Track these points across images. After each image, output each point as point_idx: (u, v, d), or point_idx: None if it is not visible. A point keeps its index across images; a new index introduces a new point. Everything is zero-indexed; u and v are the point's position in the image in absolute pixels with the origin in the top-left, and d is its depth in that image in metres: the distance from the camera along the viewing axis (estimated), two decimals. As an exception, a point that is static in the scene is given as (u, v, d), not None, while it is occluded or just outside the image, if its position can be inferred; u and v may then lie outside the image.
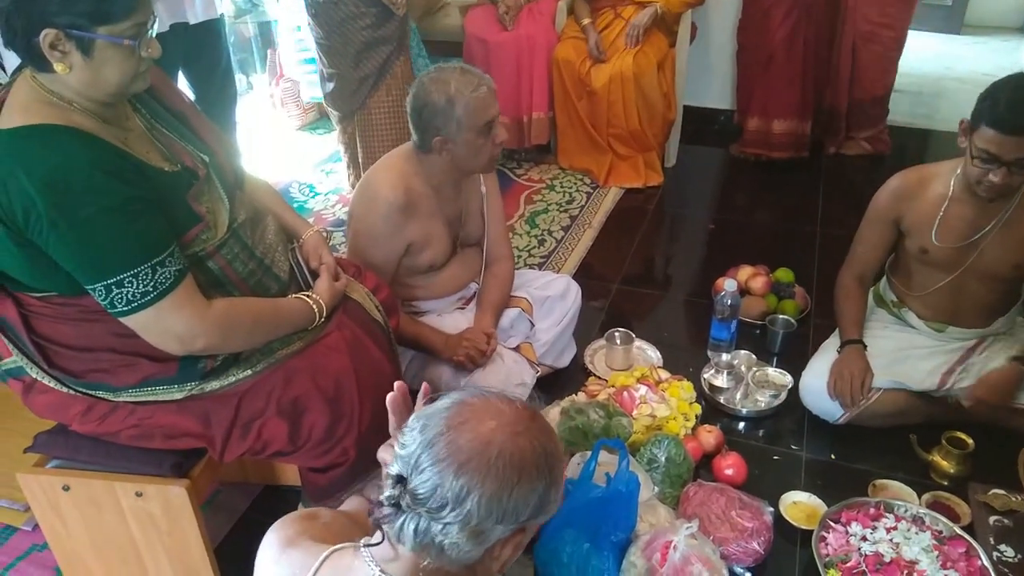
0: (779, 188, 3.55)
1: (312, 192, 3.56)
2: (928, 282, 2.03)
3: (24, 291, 1.34)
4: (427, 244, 2.00)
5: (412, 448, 0.88)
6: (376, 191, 1.93)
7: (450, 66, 1.88)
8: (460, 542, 0.86)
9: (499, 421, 0.89)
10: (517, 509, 0.87)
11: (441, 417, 0.89)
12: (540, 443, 0.89)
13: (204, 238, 1.39)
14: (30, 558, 1.85)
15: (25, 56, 1.26)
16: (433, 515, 0.85)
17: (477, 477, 0.85)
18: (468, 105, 1.81)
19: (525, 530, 0.91)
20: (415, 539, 0.87)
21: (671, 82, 3.46)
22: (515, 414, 0.91)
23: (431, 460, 0.86)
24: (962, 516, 1.84)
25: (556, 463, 0.91)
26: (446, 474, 0.85)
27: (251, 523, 1.94)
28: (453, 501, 0.85)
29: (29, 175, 1.19)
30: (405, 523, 0.87)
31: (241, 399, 1.45)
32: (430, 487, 0.85)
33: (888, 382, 2.01)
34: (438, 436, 0.87)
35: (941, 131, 4.01)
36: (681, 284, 2.93)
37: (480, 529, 0.86)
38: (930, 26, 5.26)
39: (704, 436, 2.04)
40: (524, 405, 0.94)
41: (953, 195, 1.91)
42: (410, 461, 0.88)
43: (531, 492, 0.88)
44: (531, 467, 0.87)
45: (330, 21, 2.95)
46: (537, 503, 0.89)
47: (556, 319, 2.29)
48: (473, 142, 1.87)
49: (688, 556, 1.59)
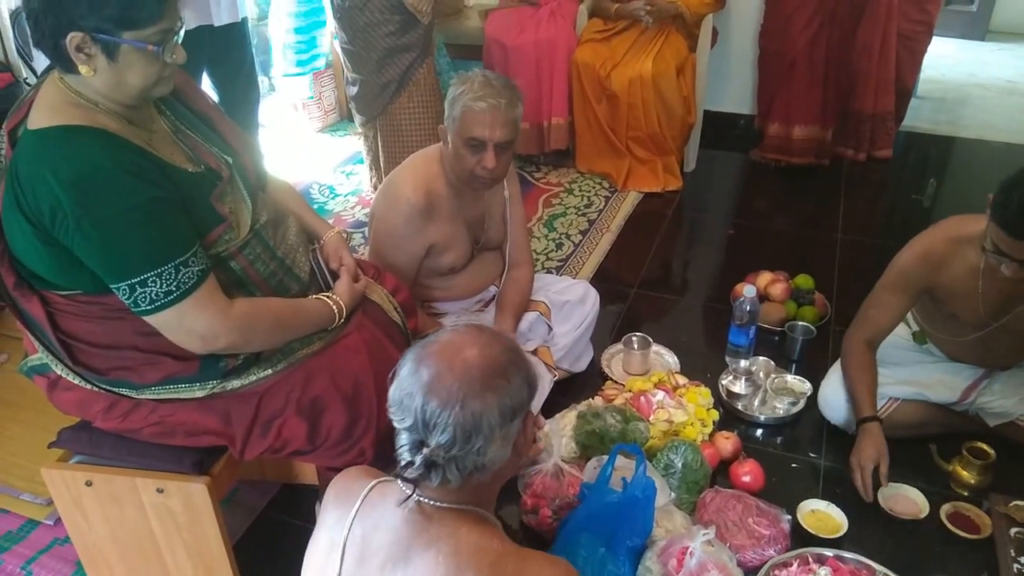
0: (799, 193, 3.53)
1: (332, 193, 3.58)
2: (957, 334, 1.94)
3: (50, 289, 1.36)
4: (448, 247, 2.00)
5: (412, 416, 0.99)
6: (398, 192, 1.94)
7: (485, 72, 1.86)
8: (496, 452, 1.01)
9: (459, 349, 1.01)
10: (519, 398, 1.02)
11: (416, 380, 1.00)
12: (499, 345, 1.03)
13: (227, 238, 1.40)
14: (52, 552, 1.87)
15: (52, 57, 1.28)
16: (465, 450, 0.98)
17: (479, 400, 0.98)
18: (461, 110, 1.80)
19: (529, 413, 1.06)
20: (461, 476, 1.01)
21: (691, 86, 3.45)
22: (464, 336, 1.04)
23: (435, 414, 0.97)
24: (982, 527, 1.82)
25: (519, 349, 1.07)
26: (455, 414, 0.97)
27: (269, 521, 1.96)
28: (474, 428, 0.98)
29: (56, 175, 1.21)
30: (447, 471, 1.00)
31: (261, 398, 1.47)
32: (450, 433, 0.97)
33: (908, 393, 1.99)
34: (425, 394, 0.98)
35: (964, 138, 3.97)
36: (699, 289, 2.92)
37: (505, 432, 1.01)
38: (954, 32, 5.22)
39: (721, 442, 2.03)
40: (465, 326, 1.08)
41: (986, 268, 1.75)
42: (418, 426, 0.99)
43: (520, 380, 1.03)
44: (508, 365, 1.02)
45: (354, 26, 2.97)
46: (529, 387, 1.04)
47: (574, 324, 2.28)
48: (458, 148, 1.85)
49: (704, 563, 1.58)
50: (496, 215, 2.12)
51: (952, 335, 1.96)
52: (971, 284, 1.80)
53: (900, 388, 2.00)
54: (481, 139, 1.81)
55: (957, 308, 1.86)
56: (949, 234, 1.82)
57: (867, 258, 3.01)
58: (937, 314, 1.96)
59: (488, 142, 1.81)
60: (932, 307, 1.95)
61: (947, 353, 2.04)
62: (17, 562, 1.85)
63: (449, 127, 1.85)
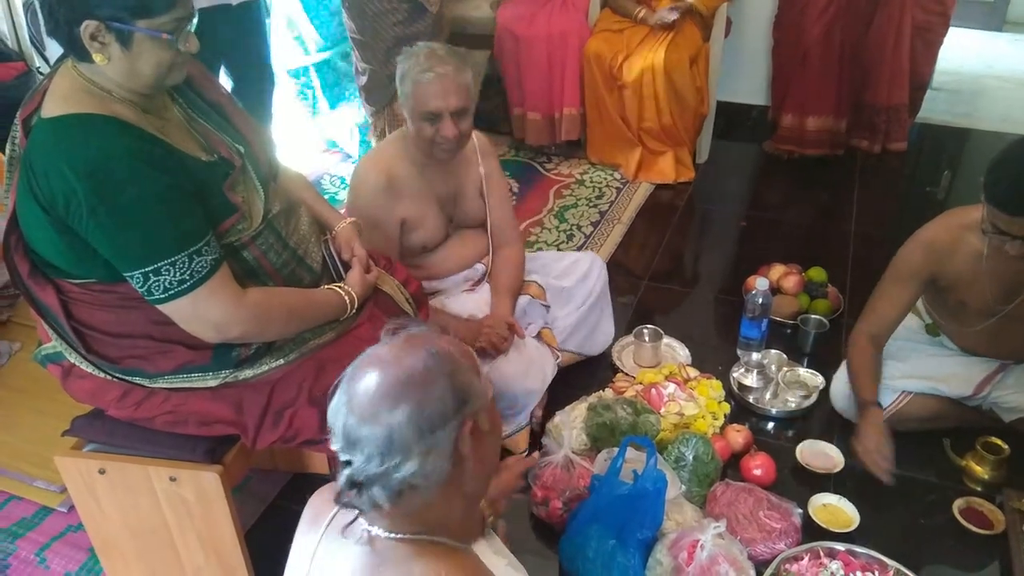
0: (813, 185, 3.50)
1: (343, 184, 3.57)
2: (967, 323, 1.93)
3: (64, 277, 1.37)
4: (418, 224, 2.00)
5: (339, 435, 0.93)
6: (360, 177, 1.98)
7: (429, 44, 1.87)
8: (419, 469, 0.90)
9: (380, 361, 0.94)
10: (441, 411, 0.91)
11: (342, 397, 0.94)
12: (422, 352, 0.93)
13: (240, 228, 1.40)
14: (65, 538, 1.89)
15: (66, 46, 1.28)
16: (382, 469, 0.89)
17: (389, 413, 0.89)
18: (412, 86, 1.81)
19: (468, 420, 0.94)
20: (389, 498, 0.91)
21: (704, 76, 3.43)
22: (392, 347, 0.95)
23: (354, 430, 0.91)
24: (996, 523, 1.81)
25: (448, 356, 0.95)
26: (369, 430, 0.89)
27: (280, 510, 1.97)
28: (387, 446, 0.89)
29: (70, 163, 1.22)
30: (373, 493, 0.91)
31: (273, 388, 1.47)
32: (367, 452, 0.90)
33: (921, 386, 1.98)
34: (348, 411, 0.92)
35: (980, 130, 3.93)
36: (711, 281, 2.91)
37: (426, 448, 0.90)
38: (971, 23, 5.15)
39: (732, 435, 2.03)
40: (403, 337, 0.98)
41: (990, 252, 1.77)
42: (343, 445, 0.92)
43: (440, 389, 0.91)
44: (424, 373, 0.92)
45: (363, 15, 2.97)
46: (455, 395, 0.92)
47: (576, 304, 2.25)
48: (416, 123, 1.86)
49: (715, 556, 1.58)
50: (471, 192, 2.09)
51: (961, 325, 1.95)
52: (977, 270, 1.80)
53: (913, 382, 1.98)
54: (436, 111, 1.81)
55: (964, 296, 1.86)
56: (951, 223, 1.84)
57: (881, 251, 2.95)
58: (946, 304, 1.95)
59: (444, 111, 1.81)
60: (940, 297, 1.94)
61: (959, 345, 2.02)
62: (31, 548, 1.86)
63: (404, 105, 1.86)
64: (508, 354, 1.99)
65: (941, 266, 1.85)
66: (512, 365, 1.98)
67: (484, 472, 1.01)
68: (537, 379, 2.04)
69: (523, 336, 2.03)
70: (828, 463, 1.97)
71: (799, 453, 1.99)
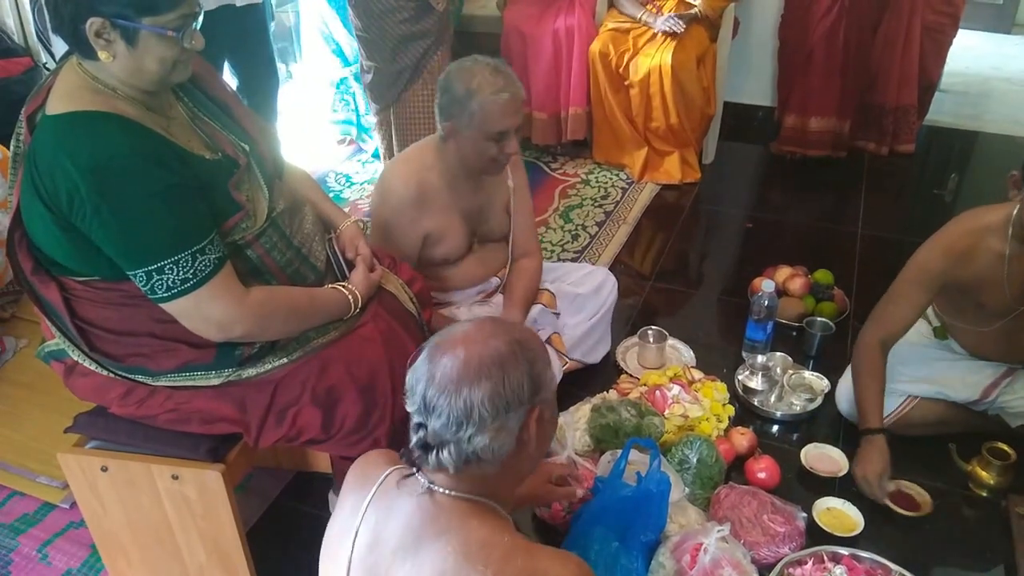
0: (820, 187, 3.49)
1: (348, 182, 3.58)
2: (981, 324, 1.89)
3: (67, 275, 1.36)
4: (442, 238, 1.98)
5: (418, 399, 1.03)
6: (389, 185, 1.94)
7: (485, 59, 1.83)
8: (489, 444, 1.00)
9: (466, 339, 1.03)
10: (517, 394, 1.01)
11: (425, 366, 1.03)
12: (507, 337, 1.03)
13: (244, 227, 1.40)
14: (67, 535, 1.89)
15: (71, 43, 1.28)
16: (456, 437, 1.00)
17: (470, 388, 0.99)
18: (483, 106, 1.77)
19: (537, 407, 1.04)
20: (454, 463, 1.01)
21: (711, 77, 3.42)
22: (477, 327, 1.06)
23: (434, 399, 1.00)
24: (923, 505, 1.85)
25: (530, 346, 1.05)
26: (448, 401, 0.99)
27: (282, 508, 1.97)
28: (465, 417, 0.99)
29: (74, 161, 1.22)
30: (439, 456, 1.01)
31: (277, 386, 1.47)
32: (443, 419, 1.00)
33: (928, 391, 1.97)
34: (429, 380, 1.01)
35: (988, 133, 3.91)
36: (716, 283, 2.90)
37: (498, 426, 1.00)
38: (979, 25, 5.12)
39: (737, 438, 2.02)
40: (484, 319, 1.12)
41: (1012, 252, 1.72)
42: (421, 409, 1.02)
43: (521, 376, 1.01)
44: (509, 357, 1.01)
45: (369, 13, 2.96)
46: (531, 383, 1.03)
47: (587, 315, 2.26)
48: (479, 143, 1.83)
49: (719, 559, 1.57)
50: (498, 205, 2.08)
51: (976, 325, 1.91)
52: (997, 271, 1.76)
53: (919, 386, 1.97)
54: (508, 128, 1.81)
55: (983, 298, 1.82)
56: (968, 226, 1.79)
57: (888, 254, 2.97)
58: (959, 306, 1.92)
59: (511, 129, 1.82)
60: (957, 298, 1.90)
61: (969, 348, 2.00)
62: (33, 544, 1.86)
63: (464, 124, 1.80)
64: None
65: (961, 270, 1.80)
66: None
67: (537, 457, 1.12)
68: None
69: None
70: (833, 467, 1.96)
71: (804, 456, 1.98)
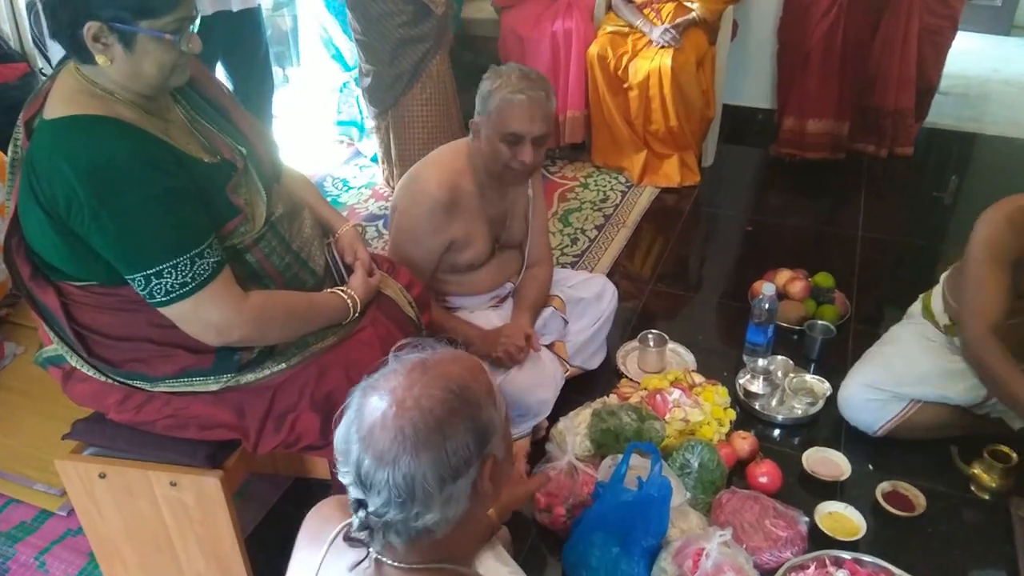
0: (820, 190, 3.48)
1: (346, 186, 3.57)
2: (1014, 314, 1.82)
3: (65, 280, 1.36)
4: (468, 244, 1.97)
5: (352, 470, 0.89)
6: (422, 187, 1.91)
7: (522, 67, 1.84)
8: (440, 514, 0.88)
9: (397, 400, 0.88)
10: (463, 457, 0.87)
11: (355, 429, 0.89)
12: (441, 392, 0.88)
13: (242, 231, 1.39)
14: (64, 543, 1.87)
15: (69, 47, 1.27)
16: (403, 515, 0.87)
17: (409, 463, 0.85)
18: (500, 104, 1.78)
19: (489, 458, 0.91)
20: (404, 541, 0.89)
21: (710, 80, 3.42)
22: (407, 381, 0.89)
23: (371, 473, 0.86)
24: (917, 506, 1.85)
25: (468, 392, 0.90)
26: (386, 476, 0.85)
27: (281, 515, 1.96)
28: (407, 496, 0.86)
29: (72, 165, 1.21)
30: (387, 536, 0.89)
31: (275, 392, 1.46)
32: (383, 497, 0.86)
33: (930, 394, 1.96)
34: (360, 451, 0.87)
35: (987, 135, 3.91)
36: (716, 286, 2.89)
37: (447, 496, 0.87)
38: (978, 27, 5.12)
39: (738, 442, 2.01)
40: (408, 362, 0.93)
41: None
42: (357, 483, 0.88)
43: (463, 433, 0.87)
44: (446, 418, 0.87)
45: (368, 16, 2.96)
46: (476, 438, 0.89)
47: (589, 321, 2.26)
48: (494, 143, 1.83)
49: (720, 564, 1.56)
50: (518, 213, 2.09)
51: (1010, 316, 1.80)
52: None
53: (923, 389, 1.96)
54: (520, 133, 1.79)
55: None
56: (1020, 203, 1.74)
57: (888, 256, 2.97)
58: None
59: (527, 136, 1.80)
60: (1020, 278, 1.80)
61: None
62: (31, 552, 1.85)
63: (484, 122, 1.82)
64: (523, 365, 1.98)
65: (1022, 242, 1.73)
66: (527, 376, 1.97)
67: (499, 494, 0.98)
68: (550, 389, 2.05)
69: (538, 350, 2.02)
70: (835, 471, 1.95)
71: (805, 460, 1.97)
